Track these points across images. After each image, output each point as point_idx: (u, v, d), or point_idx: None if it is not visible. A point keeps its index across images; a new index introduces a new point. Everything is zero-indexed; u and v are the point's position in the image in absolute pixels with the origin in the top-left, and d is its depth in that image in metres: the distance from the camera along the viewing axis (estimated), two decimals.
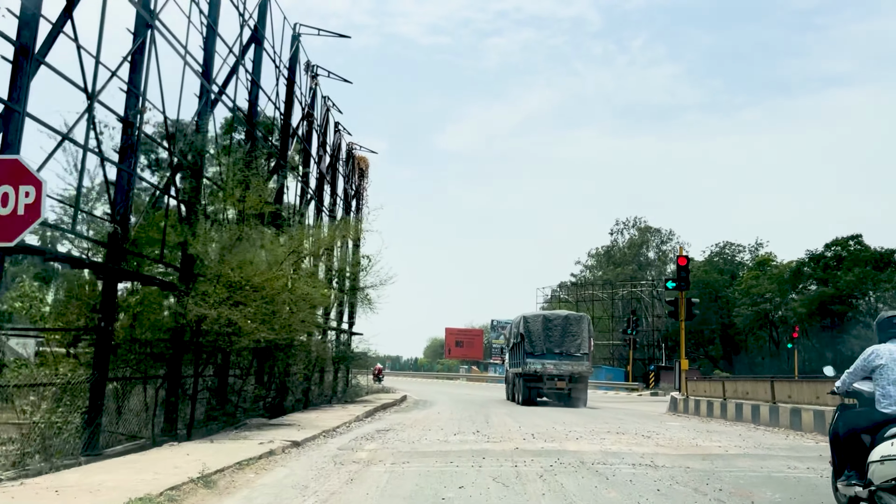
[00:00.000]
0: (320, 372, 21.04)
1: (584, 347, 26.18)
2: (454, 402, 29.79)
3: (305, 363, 17.67)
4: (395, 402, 25.45)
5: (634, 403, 31.07)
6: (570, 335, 26.21)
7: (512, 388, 29.93)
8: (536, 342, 26.08)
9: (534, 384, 25.99)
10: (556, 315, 27.67)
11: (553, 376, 25.58)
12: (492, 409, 22.79)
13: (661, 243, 70.38)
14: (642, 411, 23.89)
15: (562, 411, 22.21)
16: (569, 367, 25.72)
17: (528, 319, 27.09)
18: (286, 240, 14.61)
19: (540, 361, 25.72)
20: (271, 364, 16.74)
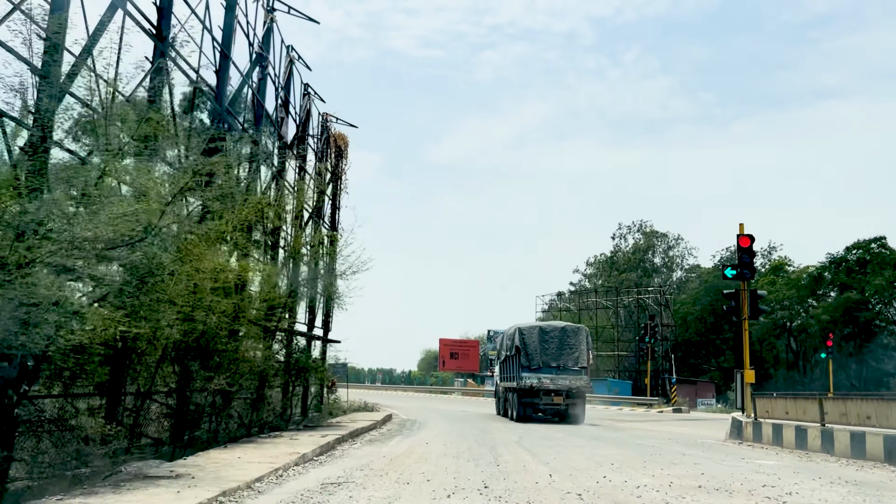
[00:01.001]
0: (263, 388, 15.57)
1: (583, 361, 24.45)
2: (448, 421, 24.43)
3: (231, 375, 12.30)
4: (374, 424, 20.06)
5: (662, 423, 25.73)
6: (568, 348, 24.52)
7: (503, 402, 28.06)
8: (532, 355, 24.30)
9: (529, 400, 24.06)
10: (553, 327, 25.54)
11: (549, 391, 23.73)
12: (497, 435, 17.48)
13: (668, 248, 65.23)
14: (689, 437, 18.59)
15: (590, 440, 16.97)
16: (566, 381, 23.93)
17: (524, 331, 24.92)
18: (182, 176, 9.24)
19: (536, 376, 23.92)
20: (184, 379, 11.37)
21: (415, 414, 29.39)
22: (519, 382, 24.19)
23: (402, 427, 21.46)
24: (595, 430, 20.55)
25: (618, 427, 22.76)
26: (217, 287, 10.26)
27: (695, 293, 56.14)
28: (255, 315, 13.14)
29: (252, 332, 13.75)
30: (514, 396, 24.88)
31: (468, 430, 19.63)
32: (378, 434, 17.61)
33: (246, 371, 13.73)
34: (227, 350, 12.17)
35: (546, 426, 21.50)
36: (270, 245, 16.26)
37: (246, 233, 13.25)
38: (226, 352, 12.13)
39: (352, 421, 20.78)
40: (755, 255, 16.83)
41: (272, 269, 14.52)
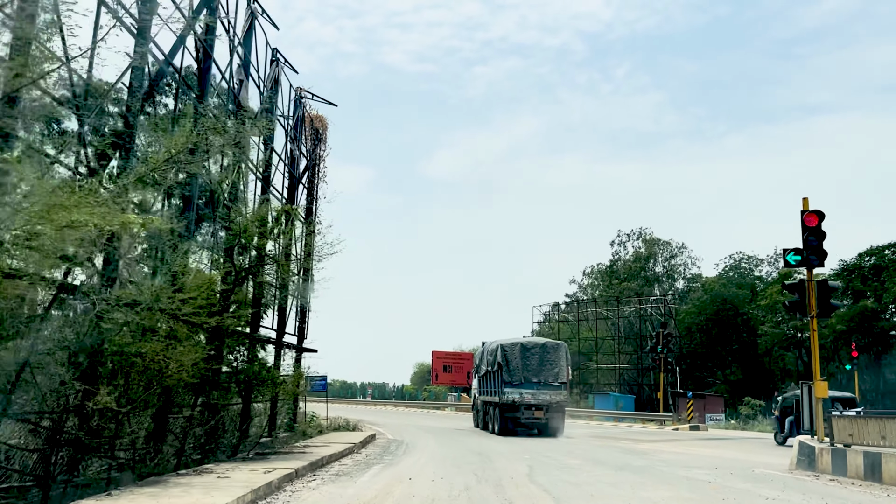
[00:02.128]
0: (195, 407, 11.79)
1: (562, 376, 24.87)
2: (440, 442, 20.69)
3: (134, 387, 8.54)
4: (349, 448, 16.32)
5: (686, 444, 21.99)
6: (548, 364, 24.82)
7: (483, 416, 28.22)
8: (514, 371, 24.47)
9: (511, 414, 24.40)
10: (534, 343, 25.61)
11: (531, 406, 24.14)
12: (500, 464, 13.78)
13: (671, 257, 61.54)
14: (738, 465, 14.93)
15: (619, 470, 13.37)
16: (546, 396, 24.36)
17: (506, 348, 25.02)
18: None
19: (518, 391, 24.24)
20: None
21: (403, 432, 25.59)
22: (501, 397, 24.37)
23: (384, 451, 17.69)
24: (616, 456, 16.83)
25: (639, 450, 19.05)
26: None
27: (700, 303, 52.53)
28: (176, 307, 9.43)
29: (181, 332, 10.02)
30: (497, 411, 25.13)
31: (464, 456, 15.87)
32: (351, 463, 13.83)
33: (173, 384, 9.99)
34: (124, 352, 8.45)
35: (556, 452, 17.86)
36: (211, 219, 12.55)
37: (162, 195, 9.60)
38: (123, 354, 8.41)
39: (324, 444, 17.02)
40: (825, 236, 13.20)
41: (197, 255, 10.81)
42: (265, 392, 13.46)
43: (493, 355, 25.71)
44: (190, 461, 11.88)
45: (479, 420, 28.96)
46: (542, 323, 62.05)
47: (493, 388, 25.68)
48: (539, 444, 20.13)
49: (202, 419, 12.82)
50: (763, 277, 56.14)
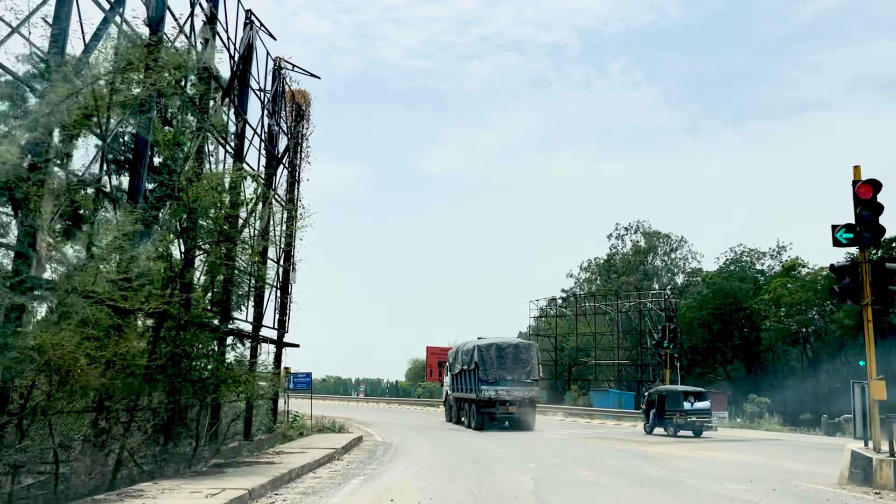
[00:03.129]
0: (136, 408, 9.70)
1: (534, 374, 26.37)
2: (433, 445, 18.70)
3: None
4: (329, 455, 14.31)
5: (697, 447, 20.01)
6: (521, 362, 26.18)
7: (457, 411, 29.72)
8: (489, 370, 25.70)
9: (487, 409, 25.71)
10: (508, 343, 26.82)
11: (505, 402, 25.47)
12: (500, 477, 11.84)
13: (671, 250, 59.51)
14: (776, 476, 13.03)
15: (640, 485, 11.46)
16: (520, 392, 25.77)
17: (482, 348, 26.22)
18: None
19: (493, 388, 25.52)
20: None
21: (393, 433, 23.58)
22: (478, 394, 25.58)
23: (370, 457, 15.67)
24: (629, 464, 14.86)
25: (650, 455, 17.07)
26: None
27: (702, 297, 50.59)
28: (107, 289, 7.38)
29: (104, 320, 7.96)
30: (473, 407, 26.41)
31: (458, 464, 13.85)
32: (327, 475, 11.78)
33: (102, 384, 7.94)
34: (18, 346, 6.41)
35: (561, 458, 15.90)
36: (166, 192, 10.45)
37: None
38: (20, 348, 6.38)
39: (302, 450, 14.98)
40: (881, 209, 11.21)
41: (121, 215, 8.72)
42: (226, 393, 11.38)
43: (470, 355, 26.77)
44: (134, 475, 9.85)
45: (453, 415, 30.40)
46: (538, 318, 60.10)
47: (470, 385, 26.84)
48: (540, 449, 18.13)
49: (155, 425, 10.79)
50: (765, 271, 54.22)
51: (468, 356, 27.01)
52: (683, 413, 24.13)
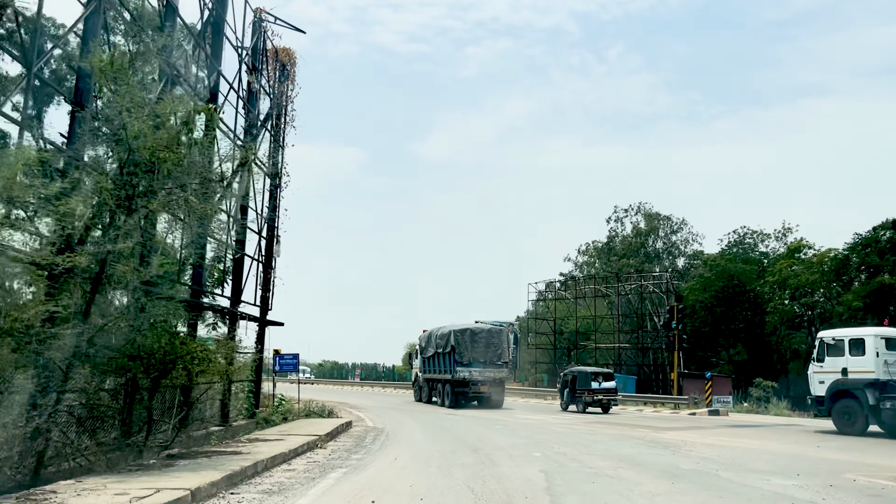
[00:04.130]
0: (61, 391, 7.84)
1: (505, 357, 28.32)
2: (426, 432, 17.02)
3: None
4: (310, 444, 12.57)
5: (713, 433, 18.27)
6: (493, 346, 27.94)
7: (428, 391, 31.26)
8: (463, 353, 27.33)
9: (461, 389, 27.36)
10: (481, 328, 28.53)
11: (477, 381, 27.15)
12: (505, 469, 10.07)
13: (672, 232, 57.61)
14: (809, 463, 11.43)
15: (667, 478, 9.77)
16: (491, 374, 27.59)
17: (457, 333, 27.90)
18: None
19: (468, 370, 27.18)
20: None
21: (385, 418, 21.84)
22: (454, 375, 27.43)
23: (357, 444, 13.90)
24: (647, 453, 13.15)
25: (667, 443, 15.34)
26: None
27: (705, 279, 48.78)
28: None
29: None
30: (448, 387, 28.18)
31: (455, 453, 12.08)
32: (303, 467, 10.00)
33: None
34: None
35: (572, 447, 14.18)
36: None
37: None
38: None
39: (280, 437, 13.20)
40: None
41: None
42: (182, 372, 9.54)
43: (445, 339, 28.51)
44: (73, 469, 8.07)
45: (424, 395, 31.97)
46: (536, 301, 58.34)
47: (445, 367, 28.50)
48: (545, 435, 16.39)
49: (96, 408, 8.99)
50: (768, 253, 52.38)
51: (443, 340, 28.83)
52: (591, 391, 26.24)
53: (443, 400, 28.72)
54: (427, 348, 31.26)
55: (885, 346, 18.45)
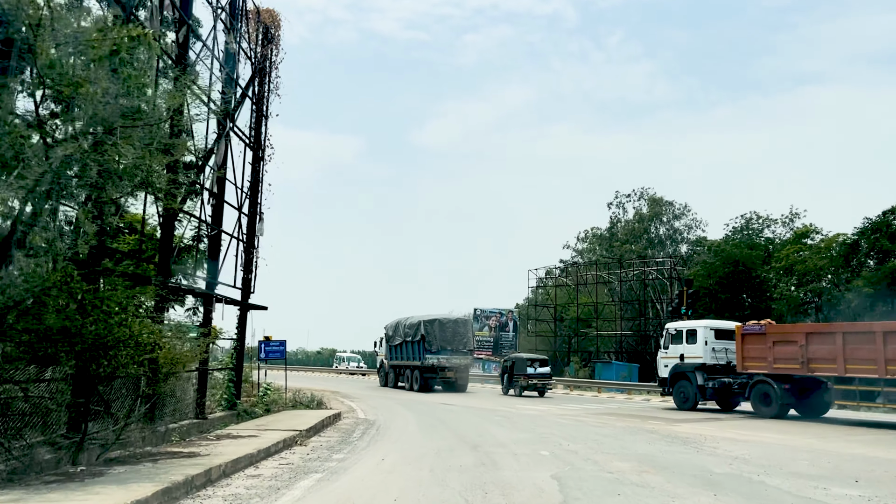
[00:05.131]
0: None
1: (470, 345, 30.55)
2: (421, 424, 15.49)
3: None
4: (287, 441, 11.03)
5: (734, 426, 16.68)
6: (459, 335, 29.79)
7: (395, 377, 32.89)
8: (432, 341, 28.94)
9: (430, 374, 28.85)
10: (448, 318, 30.29)
11: (445, 367, 28.86)
12: (509, 473, 8.49)
13: (674, 218, 55.85)
14: (863, 464, 9.69)
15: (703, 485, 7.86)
16: (457, 360, 29.38)
17: (426, 322, 29.46)
18: None
19: (436, 357, 28.79)
20: None
21: (379, 409, 20.26)
22: (423, 362, 29.00)
23: (343, 440, 12.33)
24: (669, 450, 11.58)
25: (685, 437, 13.77)
26: None
27: (709, 266, 47.12)
28: None
29: None
30: (417, 372, 29.65)
31: (452, 451, 10.48)
32: (271, 471, 8.38)
33: None
34: None
35: (581, 444, 12.61)
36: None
37: None
38: None
39: (256, 432, 11.63)
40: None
41: None
42: (127, 359, 7.88)
43: (414, 329, 30.13)
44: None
45: (390, 381, 33.49)
46: (535, 288, 56.75)
47: (414, 354, 30.14)
48: (551, 429, 14.80)
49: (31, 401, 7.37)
50: (773, 239, 50.68)
51: (412, 329, 30.41)
52: (527, 376, 27.39)
53: (411, 385, 30.21)
54: (394, 337, 32.80)
55: (714, 336, 21.63)
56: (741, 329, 20.41)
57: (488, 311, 61.25)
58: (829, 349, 17.90)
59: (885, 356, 16.52)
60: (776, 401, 18.97)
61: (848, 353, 17.40)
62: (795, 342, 18.72)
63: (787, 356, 18.83)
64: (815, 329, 19.51)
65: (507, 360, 29.70)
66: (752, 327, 20.28)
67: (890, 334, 16.70)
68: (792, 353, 18.68)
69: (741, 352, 20.04)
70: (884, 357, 16.56)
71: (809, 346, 18.38)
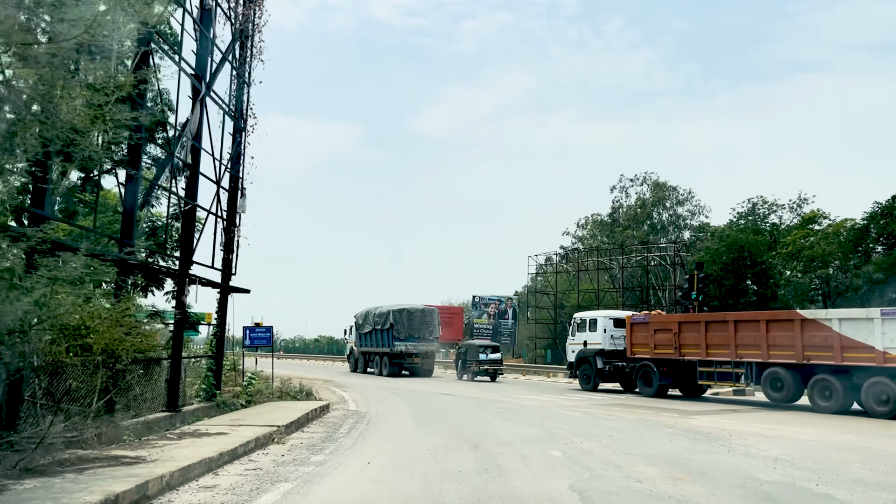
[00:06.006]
0: None
1: (436, 333, 32.40)
2: (417, 417, 14.08)
3: None
4: (261, 439, 9.63)
5: (759, 419, 15.22)
6: (425, 323, 31.75)
7: (364, 363, 34.51)
8: (400, 329, 30.81)
9: (398, 360, 30.79)
10: (415, 308, 32.02)
11: (412, 354, 30.85)
12: (511, 475, 6.86)
13: (677, 203, 54.20)
14: None
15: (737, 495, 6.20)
16: (424, 347, 31.35)
17: (395, 311, 31.17)
18: None
19: (404, 344, 30.76)
20: None
21: (373, 399, 18.81)
22: (392, 349, 30.71)
23: (327, 437, 10.85)
24: (696, 449, 10.22)
25: (707, 432, 12.34)
26: None
27: (713, 252, 45.60)
28: None
29: None
30: (385, 358, 31.41)
31: (450, 450, 9.00)
32: (232, 481, 6.89)
33: None
34: None
35: (595, 440, 11.20)
36: None
37: None
38: None
39: (230, 427, 10.15)
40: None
41: None
42: (51, 347, 6.35)
43: (384, 317, 31.88)
44: None
45: (359, 367, 35.00)
46: (535, 275, 55.23)
47: (383, 341, 31.84)
48: (559, 422, 13.33)
49: None
50: (778, 224, 49.06)
51: (381, 318, 32.09)
52: (479, 362, 28.27)
53: (380, 370, 31.89)
54: (364, 325, 34.36)
55: (612, 325, 23.60)
56: (630, 319, 22.64)
57: (487, 299, 59.73)
58: (695, 336, 19.84)
59: (736, 342, 18.49)
60: (656, 381, 21.01)
61: (709, 339, 19.38)
62: (671, 330, 20.72)
63: (664, 343, 20.88)
64: (686, 319, 21.38)
65: (461, 347, 30.69)
66: (639, 317, 22.68)
67: (740, 322, 18.73)
68: (668, 340, 20.72)
69: (630, 339, 22.22)
70: (734, 342, 18.53)
71: (681, 334, 20.35)
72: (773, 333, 17.75)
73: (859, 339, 15.97)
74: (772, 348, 17.66)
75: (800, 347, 16.98)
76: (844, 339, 16.18)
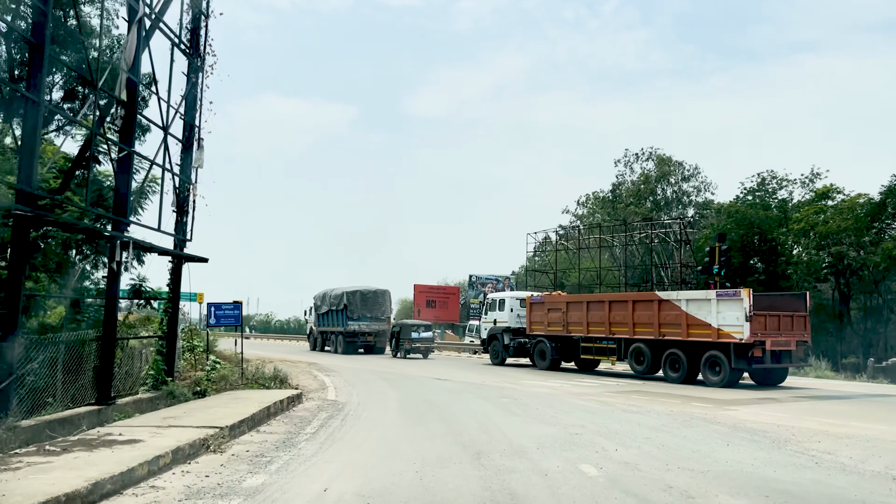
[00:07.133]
0: None
1: (387, 313, 33.85)
2: (405, 407, 11.58)
3: None
4: (194, 444, 6.94)
5: (801, 410, 12.68)
6: (378, 304, 33.32)
7: (322, 342, 35.80)
8: (354, 310, 32.42)
9: (351, 339, 32.29)
10: (369, 290, 33.58)
11: (366, 333, 32.38)
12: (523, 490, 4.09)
13: (683, 179, 51.40)
14: None
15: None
16: (376, 326, 32.71)
17: (349, 293, 32.81)
18: None
19: (357, 323, 32.28)
20: None
21: (357, 384, 16.25)
22: (346, 328, 32.19)
23: (285, 441, 8.27)
24: (768, 459, 7.86)
25: (758, 429, 9.91)
26: None
27: (722, 227, 42.95)
28: None
29: None
30: (341, 337, 32.75)
31: (442, 464, 6.43)
32: None
33: None
34: None
35: (621, 439, 8.70)
36: None
37: None
38: None
39: (160, 426, 7.60)
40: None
41: None
42: None
43: (339, 299, 33.10)
44: None
45: (318, 345, 36.15)
46: (533, 255, 52.50)
47: (338, 321, 33.10)
48: (579, 418, 10.75)
49: None
50: (787, 200, 46.30)
51: (337, 300, 33.37)
52: (411, 341, 28.97)
53: (336, 348, 33.22)
54: (321, 306, 35.44)
55: (518, 305, 25.09)
56: (529, 299, 23.83)
57: (484, 278, 57.16)
58: (579, 315, 21.15)
59: (609, 320, 19.95)
60: (549, 356, 22.62)
61: (590, 318, 20.73)
62: (560, 310, 21.98)
63: (555, 321, 22.16)
64: (572, 299, 22.63)
65: (395, 325, 31.10)
66: (536, 298, 23.75)
67: (613, 303, 20.45)
68: (558, 318, 22.01)
69: (529, 318, 23.46)
70: (608, 321, 19.98)
71: (569, 312, 21.65)
72: (638, 313, 19.19)
73: (701, 317, 17.47)
74: (637, 326, 19.16)
75: (657, 325, 18.51)
76: (690, 318, 17.72)
